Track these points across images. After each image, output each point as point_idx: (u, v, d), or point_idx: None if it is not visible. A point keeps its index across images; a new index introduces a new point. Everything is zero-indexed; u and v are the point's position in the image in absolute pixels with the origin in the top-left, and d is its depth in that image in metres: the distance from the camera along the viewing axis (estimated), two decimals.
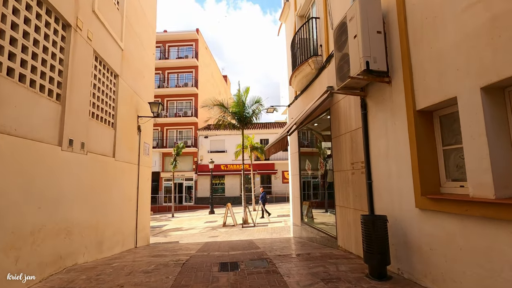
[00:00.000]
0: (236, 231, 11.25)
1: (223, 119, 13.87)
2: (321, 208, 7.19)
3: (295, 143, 8.32)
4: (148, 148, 9.23)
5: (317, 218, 7.20)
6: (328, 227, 6.22)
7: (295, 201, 8.50)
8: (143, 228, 8.55)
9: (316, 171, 7.29)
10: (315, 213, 7.38)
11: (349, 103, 4.91)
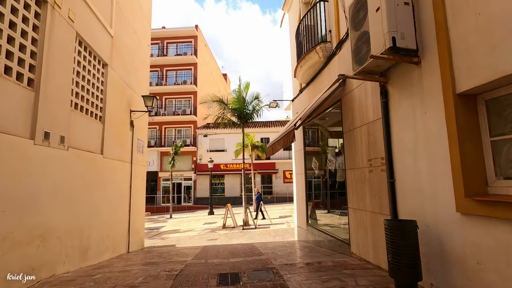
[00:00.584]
0: (237, 233, 10.67)
1: (222, 116, 13.28)
2: (330, 210, 6.61)
3: (300, 140, 7.74)
4: (143, 146, 8.66)
5: (325, 220, 6.62)
6: (339, 230, 5.64)
7: (300, 202, 7.93)
8: (137, 231, 7.98)
9: (324, 170, 6.71)
10: (323, 215, 6.81)
11: (365, 92, 4.33)
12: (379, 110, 3.93)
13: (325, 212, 6.78)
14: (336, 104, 5.57)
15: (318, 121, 7.11)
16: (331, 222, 6.31)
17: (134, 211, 7.65)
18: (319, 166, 6.78)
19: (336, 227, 5.91)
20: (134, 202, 7.74)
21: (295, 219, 8.42)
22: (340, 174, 5.86)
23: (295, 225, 8.48)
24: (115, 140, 6.43)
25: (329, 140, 7.13)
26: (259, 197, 14.58)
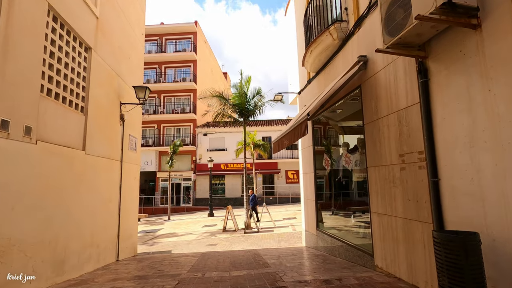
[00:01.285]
0: (238, 237, 9.92)
1: (223, 113, 12.53)
2: (345, 214, 5.87)
3: (308, 135, 6.98)
4: (135, 143, 7.92)
5: (339, 225, 5.87)
6: (357, 238, 4.89)
7: (308, 205, 7.18)
8: (129, 236, 7.23)
9: (336, 169, 5.96)
10: (336, 219, 6.05)
11: (395, 73, 3.58)
12: (415, 93, 3.18)
13: (339, 216, 6.02)
14: (353, 92, 4.83)
15: (329, 114, 6.37)
16: (346, 227, 5.56)
17: (125, 215, 6.91)
18: (332, 165, 6.02)
19: (353, 234, 5.15)
20: (125, 204, 7.00)
21: (303, 222, 7.67)
22: (357, 173, 5.11)
23: (302, 229, 7.73)
24: (101, 135, 5.69)
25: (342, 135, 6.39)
26: (253, 198, 13.76)
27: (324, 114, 6.38)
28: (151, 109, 24.81)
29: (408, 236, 3.32)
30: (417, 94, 3.16)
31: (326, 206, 6.55)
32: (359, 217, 5.13)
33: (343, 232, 5.51)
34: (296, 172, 23.91)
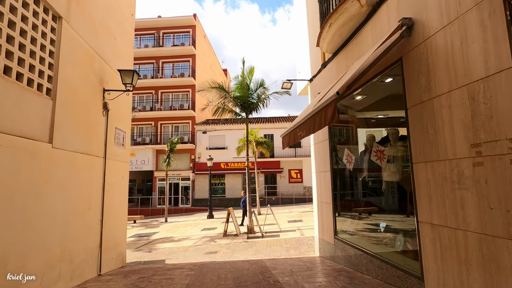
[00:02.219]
0: (240, 244, 8.93)
1: (223, 106, 11.53)
2: (372, 220, 4.88)
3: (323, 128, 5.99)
4: (124, 137, 6.92)
5: (366, 234, 4.88)
6: (395, 254, 3.89)
7: (323, 208, 6.19)
8: (115, 245, 6.25)
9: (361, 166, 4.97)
10: (362, 226, 5.06)
11: (465, 31, 2.58)
12: (503, 54, 2.19)
13: (365, 223, 5.04)
14: (388, 70, 3.84)
15: (347, 102, 5.40)
16: (376, 238, 4.58)
17: (110, 221, 5.93)
18: (356, 161, 5.03)
19: (387, 247, 4.16)
20: (111, 208, 6.02)
21: (316, 229, 6.69)
22: (390, 170, 4.13)
23: (315, 236, 6.74)
24: (76, 126, 4.70)
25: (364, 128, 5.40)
26: (245, 200, 12.77)
27: (341, 103, 5.40)
28: (148, 105, 23.82)
29: (489, 260, 2.33)
30: (502, 57, 2.18)
31: (347, 210, 5.56)
32: (398, 227, 4.15)
33: (372, 243, 4.52)
34: (299, 171, 22.95)
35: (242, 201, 12.92)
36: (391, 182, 4.25)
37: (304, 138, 4.62)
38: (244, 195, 13.07)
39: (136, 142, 23.61)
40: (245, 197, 12.91)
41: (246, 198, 12.83)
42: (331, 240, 5.74)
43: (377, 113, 5.41)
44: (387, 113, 5.40)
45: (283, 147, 5.86)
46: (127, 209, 7.30)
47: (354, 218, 5.29)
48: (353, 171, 5.18)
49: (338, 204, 5.66)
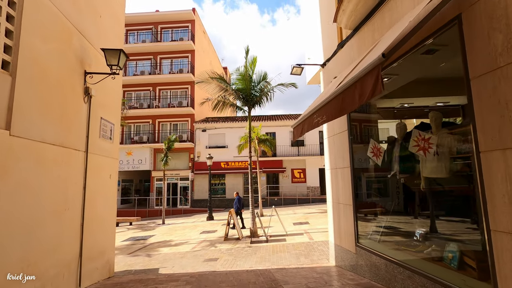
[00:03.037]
0: (243, 249, 8.10)
1: (223, 100, 10.70)
2: (407, 225, 4.05)
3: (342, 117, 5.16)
4: (112, 129, 6.10)
5: (401, 243, 4.04)
6: (446, 271, 3.05)
7: (340, 211, 5.35)
8: (100, 253, 5.43)
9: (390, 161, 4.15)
10: (394, 233, 4.23)
11: None
12: None
13: (399, 229, 4.21)
14: (436, 35, 3.01)
15: None
16: (415, 248, 3.73)
17: (93, 225, 5.10)
18: (389, 155, 4.19)
19: (435, 261, 3.32)
20: (95, 211, 5.19)
21: (331, 234, 5.85)
22: (436, 164, 3.30)
23: (330, 242, 5.91)
24: (46, 111, 3.87)
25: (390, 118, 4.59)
26: (238, 201, 11.96)
27: None
28: (145, 102, 22.99)
29: None
30: None
31: (372, 213, 4.73)
32: (444, 233, 3.32)
33: (408, 254, 3.68)
34: (302, 171, 22.12)
35: (235, 203, 12.12)
36: (434, 179, 3.42)
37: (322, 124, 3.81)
38: (237, 196, 12.27)
39: (133, 140, 22.78)
40: (238, 197, 12.13)
41: (239, 198, 12.05)
42: (351, 248, 4.90)
43: (402, 101, 4.61)
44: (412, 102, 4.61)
45: (293, 138, 5.03)
46: (116, 211, 6.48)
47: (381, 222, 4.46)
48: (381, 166, 4.34)
49: (360, 206, 4.83)
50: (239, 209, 12.06)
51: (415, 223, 3.91)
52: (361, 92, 2.62)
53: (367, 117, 5.03)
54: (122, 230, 14.96)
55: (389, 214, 4.37)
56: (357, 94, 2.69)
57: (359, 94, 2.65)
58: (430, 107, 3.86)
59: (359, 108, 5.02)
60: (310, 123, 4.06)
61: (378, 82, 2.35)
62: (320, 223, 11.60)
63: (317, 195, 21.70)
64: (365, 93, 2.54)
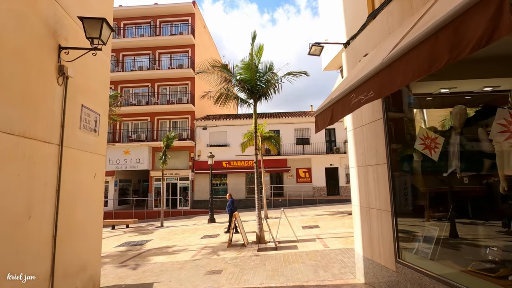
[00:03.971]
0: (250, 258, 7.15)
1: (226, 92, 9.76)
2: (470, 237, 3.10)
3: (376, 101, 4.22)
4: (97, 120, 5.16)
5: (464, 261, 3.08)
6: None
7: (372, 217, 4.40)
8: (81, 268, 4.50)
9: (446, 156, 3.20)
10: (459, 247, 3.27)
11: None
12: None
13: (460, 244, 3.25)
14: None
15: None
16: (491, 270, 2.78)
17: (72, 235, 4.18)
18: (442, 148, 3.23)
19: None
20: (74, 218, 4.27)
21: (358, 244, 4.90)
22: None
23: (357, 254, 4.96)
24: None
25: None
26: (231, 204, 11.04)
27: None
28: (143, 99, 22.05)
29: None
30: None
31: (419, 222, 3.77)
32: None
33: (484, 283, 2.73)
34: (308, 170, 21.17)
35: (228, 205, 11.19)
36: None
37: (364, 105, 2.87)
38: (230, 198, 11.34)
39: (131, 139, 21.86)
40: (232, 199, 11.21)
41: (232, 201, 11.14)
42: (389, 264, 3.95)
43: (444, 85, 3.68)
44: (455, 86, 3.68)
45: (317, 128, 4.09)
46: (102, 217, 5.52)
47: (432, 231, 3.50)
48: (435, 162, 3.39)
49: (402, 212, 3.88)
50: (233, 212, 11.16)
51: (485, 235, 2.96)
52: (455, 41, 1.67)
53: (407, 102, 4.08)
54: (118, 233, 14.03)
55: (444, 222, 3.42)
56: (445, 47, 1.74)
57: (452, 45, 1.69)
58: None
59: (397, 92, 4.08)
60: (346, 105, 3.12)
61: (502, 13, 1.40)
62: (331, 227, 10.65)
63: (324, 195, 20.75)
64: (465, 40, 1.58)
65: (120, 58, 22.92)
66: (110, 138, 21.94)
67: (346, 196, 20.55)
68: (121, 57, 22.96)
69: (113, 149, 21.16)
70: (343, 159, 21.03)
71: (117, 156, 21.17)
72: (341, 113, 3.26)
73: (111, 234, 13.87)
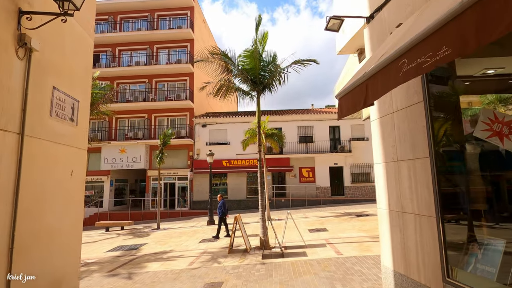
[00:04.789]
0: (254, 267, 6.35)
1: (227, 84, 8.96)
2: None
3: (415, 82, 3.42)
4: (75, 108, 4.35)
5: None
6: None
7: (407, 223, 3.59)
8: (54, 283, 3.71)
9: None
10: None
11: None
12: None
13: None
14: None
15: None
16: None
17: (41, 244, 3.40)
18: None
19: None
20: (41, 223, 3.49)
21: (387, 256, 4.10)
22: None
23: (384, 267, 4.16)
24: None
25: None
26: (222, 206, 10.30)
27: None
28: (140, 96, 21.24)
29: None
30: None
31: (478, 229, 2.97)
32: None
33: None
34: (311, 170, 20.37)
35: (219, 207, 10.43)
36: None
37: (428, 70, 2.07)
38: (221, 200, 10.58)
39: (127, 137, 21.05)
40: (222, 201, 10.45)
41: (223, 203, 10.39)
42: (433, 284, 3.15)
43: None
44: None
45: (340, 115, 3.30)
46: (81, 223, 4.71)
47: (499, 247, 2.70)
48: (501, 154, 2.59)
49: (449, 218, 3.08)
50: (224, 214, 10.41)
51: None
52: None
53: (455, 81, 3.28)
54: (112, 236, 13.23)
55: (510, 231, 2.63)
56: None
57: None
58: None
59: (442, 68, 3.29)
60: (390, 76, 2.32)
61: None
62: (340, 230, 9.86)
63: (328, 196, 19.95)
64: None
65: (116, 53, 22.10)
66: (106, 136, 21.14)
67: (352, 196, 19.76)
68: (117, 52, 22.14)
69: (109, 147, 20.36)
70: (348, 158, 20.23)
71: (113, 155, 20.35)
72: (383, 88, 2.46)
73: (104, 237, 13.07)
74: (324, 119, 20.90)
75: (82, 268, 7.52)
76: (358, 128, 20.56)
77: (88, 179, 20.84)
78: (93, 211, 19.71)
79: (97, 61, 22.33)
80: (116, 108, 20.76)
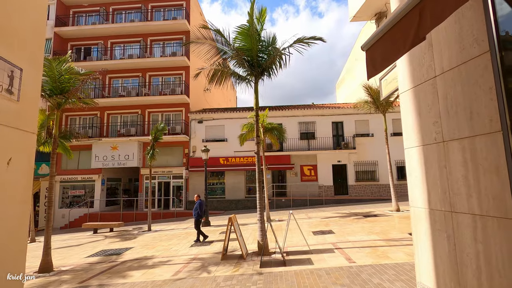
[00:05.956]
0: (250, 279, 5.33)
1: (222, 68, 7.95)
2: None
3: (468, 27, 2.40)
4: (14, 77, 3.28)
5: None
6: None
7: (461, 227, 2.57)
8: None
9: None
10: None
11: None
12: None
13: None
14: None
15: None
16: None
17: None
18: None
19: None
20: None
21: (425, 269, 3.08)
22: None
23: (421, 284, 3.13)
24: None
25: None
26: (198, 207, 9.35)
27: None
28: (133, 90, 20.21)
29: None
30: None
31: None
32: None
33: None
34: (313, 168, 19.34)
35: (194, 208, 9.49)
36: None
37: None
38: (199, 199, 9.62)
39: (120, 133, 20.03)
40: (200, 201, 9.50)
41: (201, 203, 9.44)
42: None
43: None
44: None
45: (372, 71, 2.28)
46: (26, 229, 3.67)
47: None
48: None
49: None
50: (200, 217, 9.45)
51: None
52: None
53: None
54: (98, 238, 12.21)
55: None
56: None
57: None
58: None
59: None
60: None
61: None
62: (348, 232, 8.84)
63: (331, 195, 18.92)
64: None
65: (108, 46, 21.09)
66: (97, 132, 20.12)
67: (356, 196, 18.74)
68: (110, 44, 21.12)
69: (100, 144, 19.34)
70: (352, 155, 19.21)
71: (104, 152, 19.33)
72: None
73: (89, 240, 12.04)
74: (327, 114, 19.88)
75: (52, 278, 6.51)
76: (362, 123, 19.55)
77: (78, 178, 19.80)
78: (83, 212, 18.68)
79: (88, 54, 21.32)
80: (108, 104, 19.77)
